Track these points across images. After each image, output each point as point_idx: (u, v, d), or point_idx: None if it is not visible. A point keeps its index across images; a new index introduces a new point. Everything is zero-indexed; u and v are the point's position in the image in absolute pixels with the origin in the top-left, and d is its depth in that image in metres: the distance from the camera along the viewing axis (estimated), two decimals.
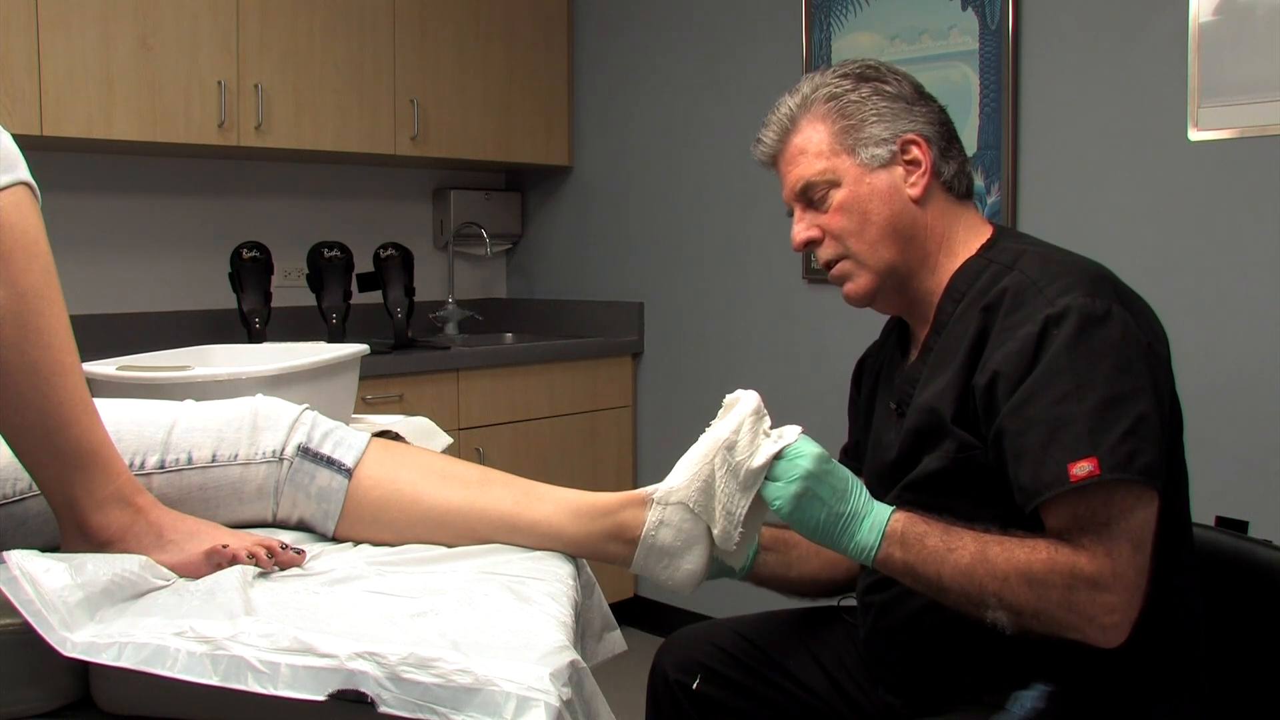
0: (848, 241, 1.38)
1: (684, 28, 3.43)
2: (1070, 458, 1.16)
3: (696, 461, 1.22)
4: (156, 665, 0.88)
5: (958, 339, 1.30)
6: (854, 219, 1.37)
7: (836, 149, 1.37)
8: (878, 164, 1.36)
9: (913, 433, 1.33)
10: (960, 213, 1.40)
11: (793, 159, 1.40)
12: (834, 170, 1.37)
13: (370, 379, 2.87)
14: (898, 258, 1.37)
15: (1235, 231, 2.36)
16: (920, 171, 1.37)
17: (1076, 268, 1.28)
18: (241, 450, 1.21)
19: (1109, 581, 1.14)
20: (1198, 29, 2.36)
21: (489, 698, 0.86)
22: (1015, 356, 1.22)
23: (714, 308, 3.39)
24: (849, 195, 1.37)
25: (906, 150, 1.37)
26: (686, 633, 1.59)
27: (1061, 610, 1.16)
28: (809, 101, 1.40)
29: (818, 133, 1.38)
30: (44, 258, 1.03)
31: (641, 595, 3.55)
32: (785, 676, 1.49)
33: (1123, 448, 1.15)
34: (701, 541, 1.22)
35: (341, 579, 1.08)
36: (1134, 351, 1.21)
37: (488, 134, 3.52)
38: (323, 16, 3.10)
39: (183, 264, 3.22)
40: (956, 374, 1.28)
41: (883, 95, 1.38)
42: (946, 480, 1.29)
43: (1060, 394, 1.18)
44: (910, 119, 1.37)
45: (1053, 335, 1.20)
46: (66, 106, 2.64)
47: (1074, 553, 1.16)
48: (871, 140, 1.36)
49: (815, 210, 1.40)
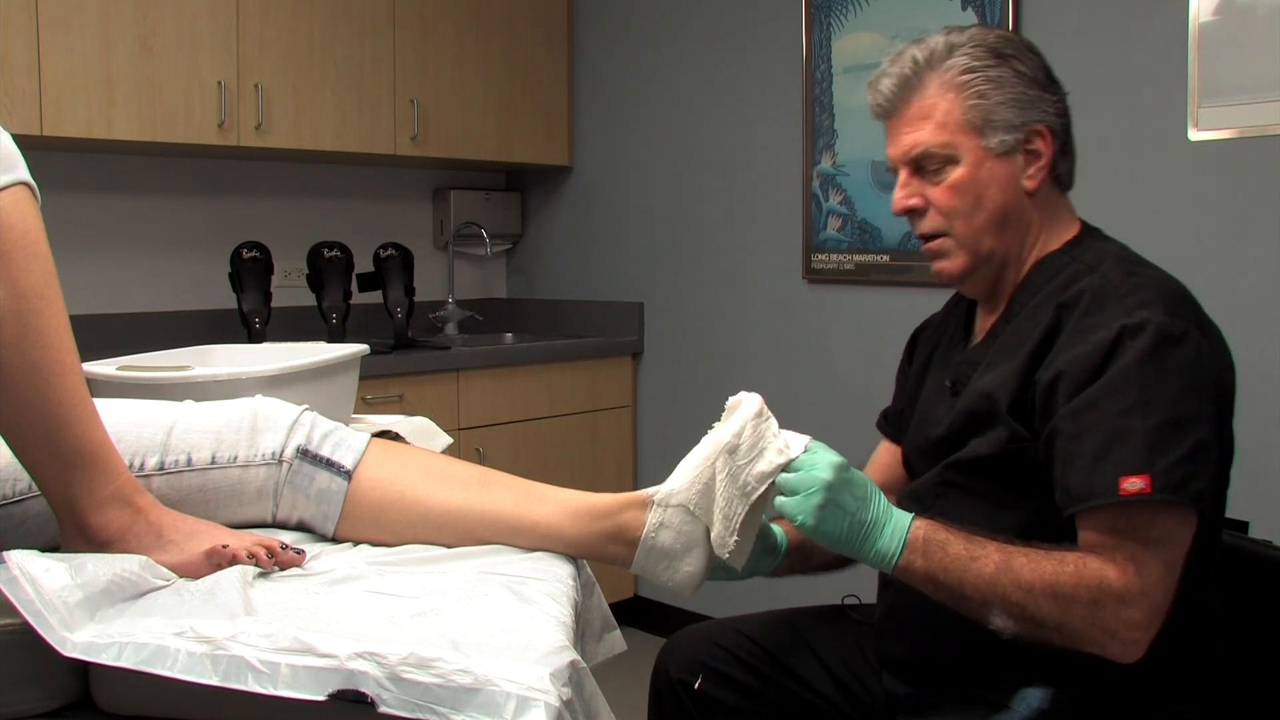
0: (954, 221, 1.35)
1: (684, 28, 3.43)
2: (1123, 471, 1.15)
3: (698, 464, 1.22)
4: (156, 665, 0.88)
5: (1027, 331, 1.29)
6: (967, 201, 1.34)
7: (964, 125, 1.33)
8: (1002, 150, 1.33)
9: (965, 414, 1.32)
10: (1059, 205, 1.39)
11: (913, 121, 1.36)
12: (956, 146, 1.33)
13: (370, 379, 2.86)
14: (998, 245, 1.36)
15: (1235, 231, 2.35)
16: (1040, 164, 1.34)
17: (1159, 282, 1.27)
18: (241, 452, 1.21)
19: (1136, 598, 1.14)
20: (1198, 29, 2.36)
21: (489, 698, 0.86)
22: (1084, 360, 1.20)
23: (714, 308, 3.39)
24: (966, 176, 1.33)
25: (1031, 140, 1.34)
26: (688, 632, 1.59)
27: (1084, 624, 1.15)
28: (940, 63, 1.34)
29: (946, 102, 1.34)
30: (44, 258, 1.03)
31: (641, 595, 3.55)
32: (788, 675, 1.48)
33: (1178, 470, 1.14)
34: (702, 544, 1.22)
35: (341, 579, 1.08)
36: (1204, 377, 1.20)
37: (488, 134, 3.52)
38: (323, 16, 3.10)
39: (183, 264, 3.22)
40: (1020, 365, 1.27)
41: (1019, 78, 1.33)
42: (992, 467, 1.29)
43: (1124, 406, 1.17)
44: (1040, 108, 1.34)
45: (1126, 346, 1.19)
46: (66, 106, 2.64)
47: (1103, 566, 1.15)
48: (1001, 125, 1.32)
49: (924, 179, 1.36)
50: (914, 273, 2.90)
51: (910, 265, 2.90)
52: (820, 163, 3.07)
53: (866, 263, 3.00)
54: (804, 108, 3.09)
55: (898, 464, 1.56)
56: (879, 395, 2.98)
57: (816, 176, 3.08)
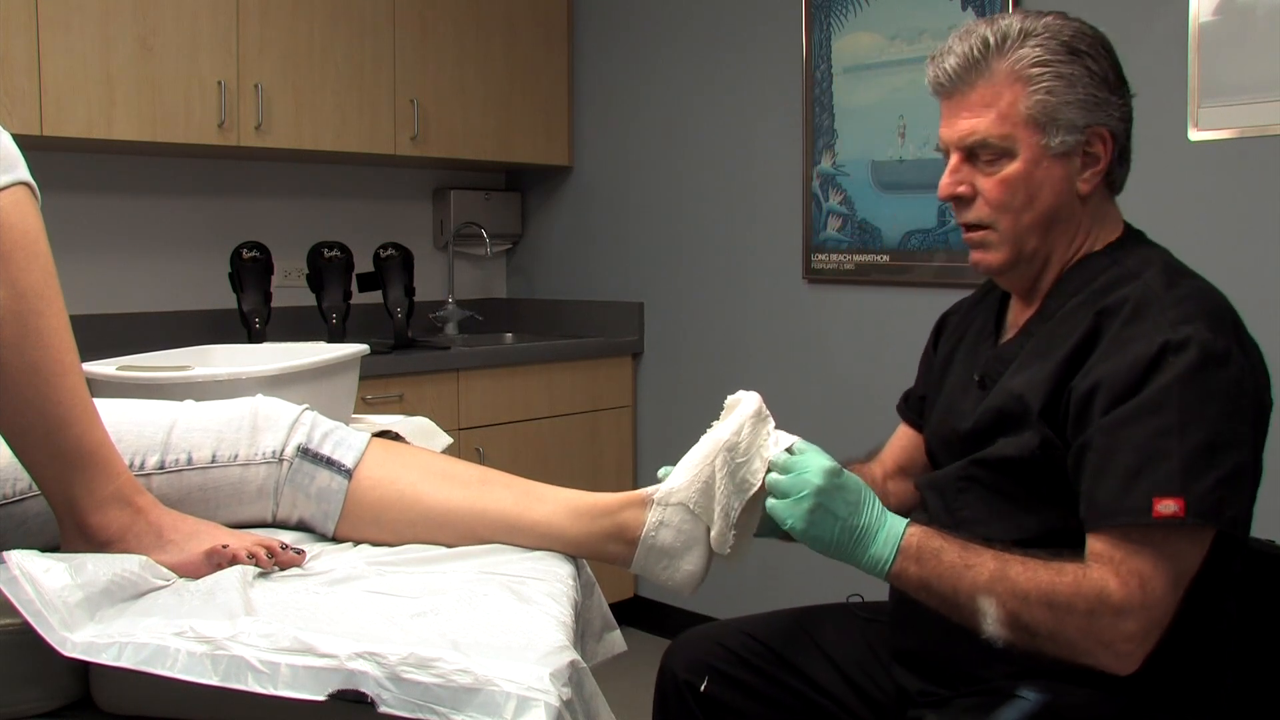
0: (1001, 216, 1.32)
1: (684, 28, 3.43)
2: (1159, 492, 1.13)
3: (697, 463, 1.22)
4: (156, 665, 0.88)
5: (1064, 334, 1.27)
6: (1019, 197, 1.30)
7: (1026, 120, 1.28)
8: (1061, 150, 1.29)
9: (995, 411, 1.30)
10: (1108, 208, 1.37)
11: (973, 107, 1.31)
12: (1016, 140, 1.29)
13: (370, 379, 2.86)
14: (1042, 245, 1.33)
15: (1235, 231, 2.35)
16: (1097, 169, 1.31)
17: (1202, 295, 1.24)
18: (241, 451, 1.21)
19: (1135, 611, 1.13)
20: (1198, 29, 2.36)
21: (489, 698, 0.86)
22: (1124, 373, 1.18)
23: (714, 308, 3.39)
24: (1021, 172, 1.30)
25: (1092, 143, 1.30)
26: (694, 634, 1.58)
27: (1079, 634, 1.15)
28: (1012, 50, 1.29)
29: (1012, 92, 1.28)
30: (44, 258, 1.03)
31: (641, 595, 3.55)
32: (794, 674, 1.48)
33: (1213, 495, 1.13)
34: (702, 542, 1.22)
35: (341, 579, 1.08)
36: (1245, 399, 1.18)
37: (488, 134, 3.52)
38: (323, 16, 3.10)
39: (183, 264, 3.22)
40: (1055, 369, 1.25)
41: (1090, 77, 1.29)
42: (1018, 469, 1.27)
43: (1164, 426, 1.15)
44: (1106, 110, 1.30)
45: (1168, 362, 1.16)
46: (66, 106, 2.64)
47: (1105, 578, 1.14)
48: (1065, 125, 1.28)
49: (975, 166, 1.32)
50: (914, 273, 2.90)
51: (910, 265, 2.90)
52: (820, 163, 3.07)
53: (866, 263, 3.00)
54: (804, 108, 3.09)
55: (916, 449, 1.56)
56: (879, 395, 2.99)
57: (816, 176, 3.08)
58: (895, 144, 2.90)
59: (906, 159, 2.88)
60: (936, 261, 2.85)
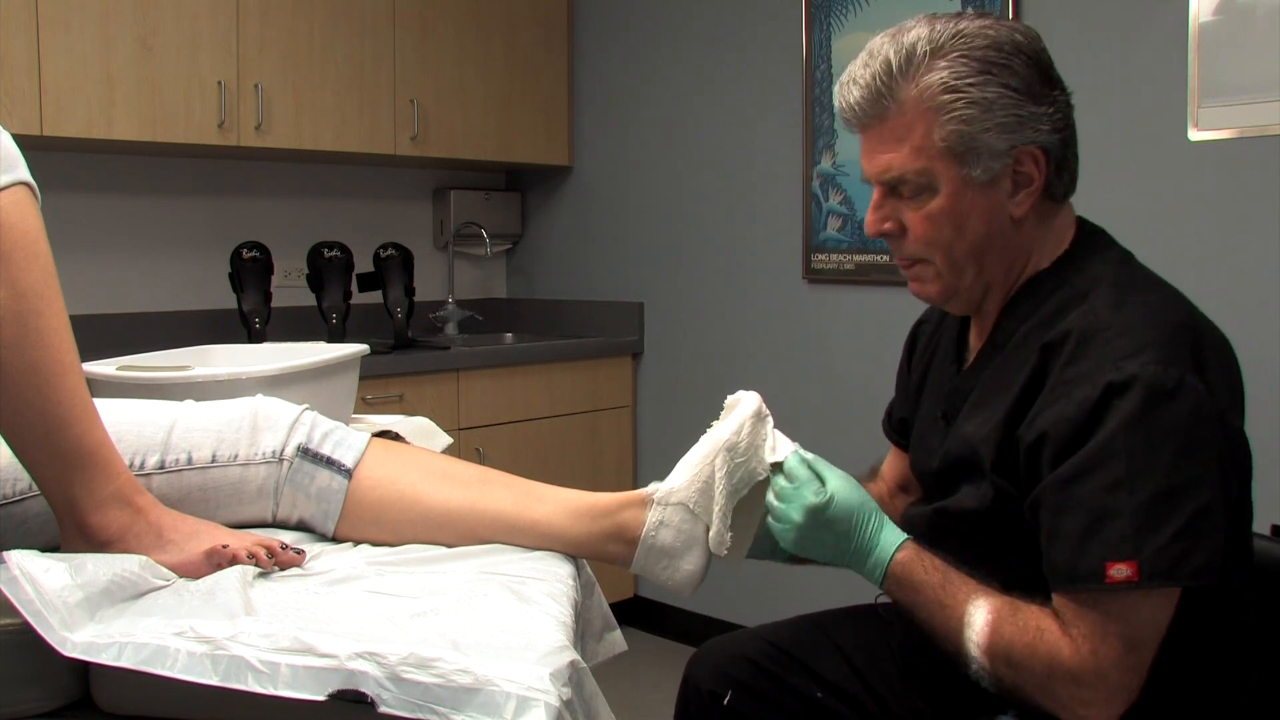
0: (932, 251, 1.24)
1: (684, 28, 3.43)
2: (1110, 556, 1.07)
3: (697, 463, 1.22)
4: (156, 665, 0.88)
5: (1012, 371, 1.21)
6: (945, 233, 1.22)
7: (942, 152, 1.19)
8: (985, 178, 1.19)
9: (954, 459, 1.26)
10: (1053, 219, 1.26)
11: (885, 141, 1.22)
12: (934, 174, 1.20)
13: (370, 379, 2.86)
14: (979, 276, 1.25)
15: (1235, 231, 2.35)
16: (1029, 190, 1.21)
17: (1152, 314, 1.15)
18: (241, 450, 1.21)
19: (1088, 679, 1.09)
20: (1198, 29, 2.36)
21: (489, 698, 0.86)
22: (1068, 423, 1.11)
23: (714, 308, 3.39)
24: (944, 207, 1.21)
25: (1021, 162, 1.20)
26: (717, 643, 1.55)
27: (1040, 693, 1.12)
28: (917, 75, 1.19)
29: (924, 124, 1.18)
30: (44, 258, 1.03)
31: (641, 595, 3.55)
32: (817, 683, 1.45)
33: (1170, 550, 1.06)
34: (701, 542, 1.23)
35: (341, 579, 1.08)
36: (1203, 431, 1.09)
37: (488, 134, 3.52)
38: (323, 16, 3.10)
39: (183, 264, 3.22)
40: (1002, 419, 1.19)
41: (1008, 95, 1.18)
42: (979, 521, 1.23)
43: (1111, 481, 1.08)
44: (1033, 125, 1.19)
45: (1113, 407, 1.08)
46: (66, 106, 2.64)
47: (1059, 640, 1.10)
48: (986, 153, 1.18)
49: (899, 200, 1.24)
50: None
51: None
52: (820, 163, 3.07)
53: (866, 263, 2.99)
54: (804, 108, 3.09)
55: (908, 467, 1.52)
56: (879, 395, 2.97)
57: (816, 176, 3.08)
58: None
59: None
60: None
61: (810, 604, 1.58)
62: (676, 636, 3.43)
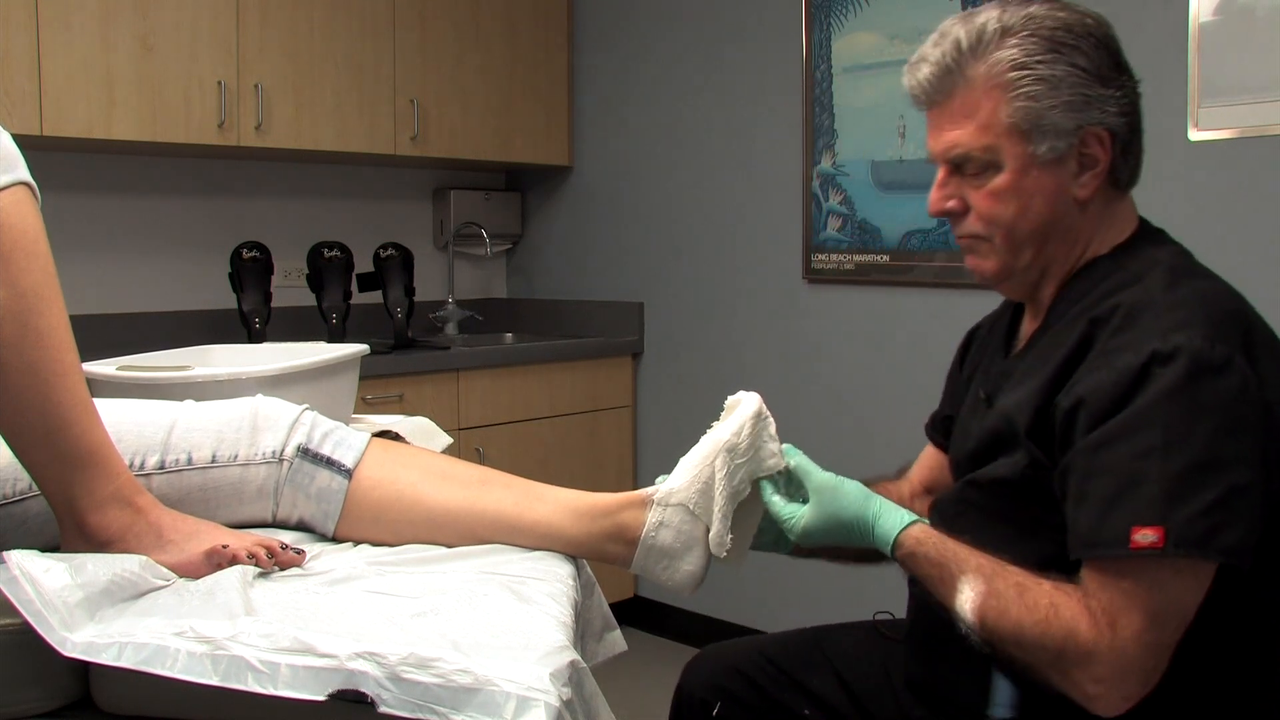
0: (993, 230, 1.24)
1: (684, 28, 3.43)
2: (1136, 520, 1.04)
3: (697, 463, 1.22)
4: (156, 665, 0.88)
5: (1058, 345, 1.19)
6: (1009, 210, 1.21)
7: (1009, 129, 1.19)
8: (1051, 157, 1.19)
9: (990, 433, 1.24)
10: (1115, 208, 1.25)
11: (953, 118, 1.22)
12: (999, 151, 1.20)
13: (370, 379, 2.86)
14: (1037, 256, 1.24)
15: (1235, 231, 2.35)
16: (1095, 172, 1.21)
17: (1206, 298, 1.14)
18: (241, 451, 1.21)
19: (1103, 654, 1.05)
20: (1198, 29, 2.36)
21: (489, 698, 0.86)
22: (1107, 389, 1.09)
23: (714, 308, 3.39)
24: (1009, 184, 1.21)
25: (1086, 144, 1.20)
26: (713, 651, 1.55)
27: (1050, 671, 1.10)
28: (988, 52, 1.19)
29: (991, 101, 1.19)
30: (44, 258, 1.03)
31: (641, 595, 3.55)
32: (807, 699, 1.44)
33: (1201, 522, 1.03)
34: (701, 543, 1.23)
35: (341, 579, 1.08)
36: (1247, 411, 1.06)
37: (488, 134, 3.52)
38: (323, 17, 3.10)
39: (183, 264, 3.22)
40: (1042, 385, 1.17)
41: (1077, 74, 1.18)
42: (1010, 490, 1.21)
43: (1145, 447, 1.05)
44: (1101, 107, 1.19)
45: (1155, 375, 1.06)
46: (66, 106, 2.64)
47: (1076, 614, 1.07)
48: (1053, 131, 1.18)
49: (963, 178, 1.24)
50: (914, 273, 2.90)
51: (910, 265, 2.90)
52: (820, 163, 3.07)
53: (866, 263, 2.99)
54: (804, 108, 3.09)
55: (942, 469, 1.51)
56: (879, 395, 2.99)
57: (816, 176, 3.08)
58: (895, 144, 2.90)
59: (906, 159, 2.88)
60: (936, 261, 2.85)
61: (810, 606, 1.59)
62: (676, 636, 3.43)
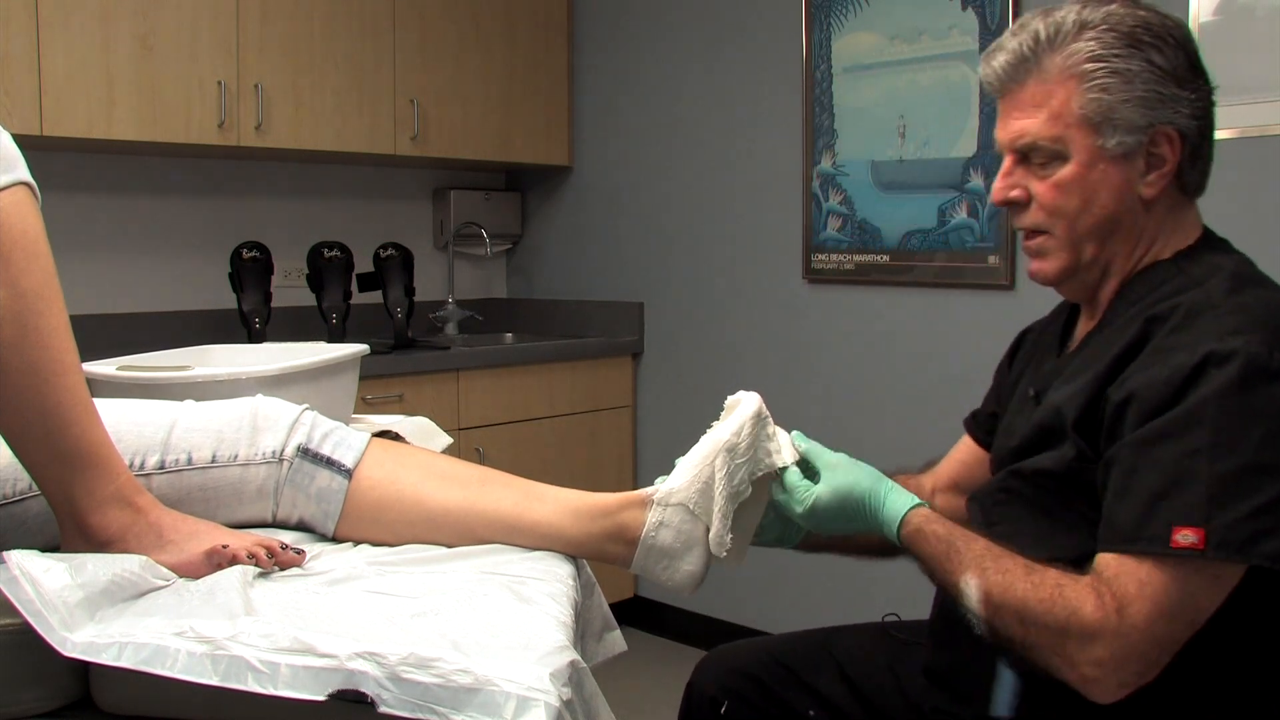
0: (1056, 221, 1.23)
1: (684, 28, 3.43)
2: (1178, 520, 1.03)
3: (697, 463, 1.22)
4: (156, 665, 0.88)
5: (1112, 343, 1.18)
6: (1073, 202, 1.21)
7: (1079, 120, 1.19)
8: (1119, 152, 1.19)
9: (1037, 428, 1.23)
10: (1181, 213, 1.25)
11: (1024, 106, 1.23)
12: (1068, 141, 1.20)
13: (370, 379, 2.86)
14: (1101, 253, 1.24)
15: (1235, 231, 2.34)
16: (1162, 172, 1.21)
17: (1269, 305, 1.13)
18: (241, 451, 1.21)
19: (1107, 636, 1.05)
20: (1198, 29, 2.36)
21: (489, 698, 0.86)
22: (1160, 385, 1.08)
23: (714, 308, 3.39)
24: (1075, 176, 1.21)
25: (1156, 143, 1.20)
26: (724, 651, 1.55)
27: (1048, 650, 1.09)
28: (1065, 44, 1.20)
29: (1065, 90, 1.20)
30: (44, 258, 1.03)
31: (641, 595, 3.55)
32: (814, 700, 1.45)
33: (1246, 526, 1.02)
34: (701, 543, 1.23)
35: (341, 579, 1.08)
36: None
37: (488, 134, 3.52)
38: (323, 17, 3.10)
39: (183, 264, 3.22)
40: (1093, 380, 1.17)
41: (1153, 71, 1.18)
42: (1055, 482, 1.20)
43: (1194, 446, 1.05)
44: (1174, 106, 1.19)
45: (1209, 376, 1.06)
46: (66, 106, 2.64)
47: (1083, 596, 1.07)
48: (1123, 125, 1.18)
49: (1030, 169, 1.24)
50: (914, 273, 2.90)
51: (910, 265, 2.90)
52: (820, 163, 3.07)
53: (866, 263, 2.99)
54: (804, 108, 3.09)
55: (975, 465, 1.50)
56: (878, 395, 2.99)
57: (816, 176, 3.08)
58: (895, 144, 2.90)
59: (906, 159, 2.88)
60: (936, 261, 2.85)
61: (812, 607, 1.59)
62: (676, 637, 3.43)
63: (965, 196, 2.78)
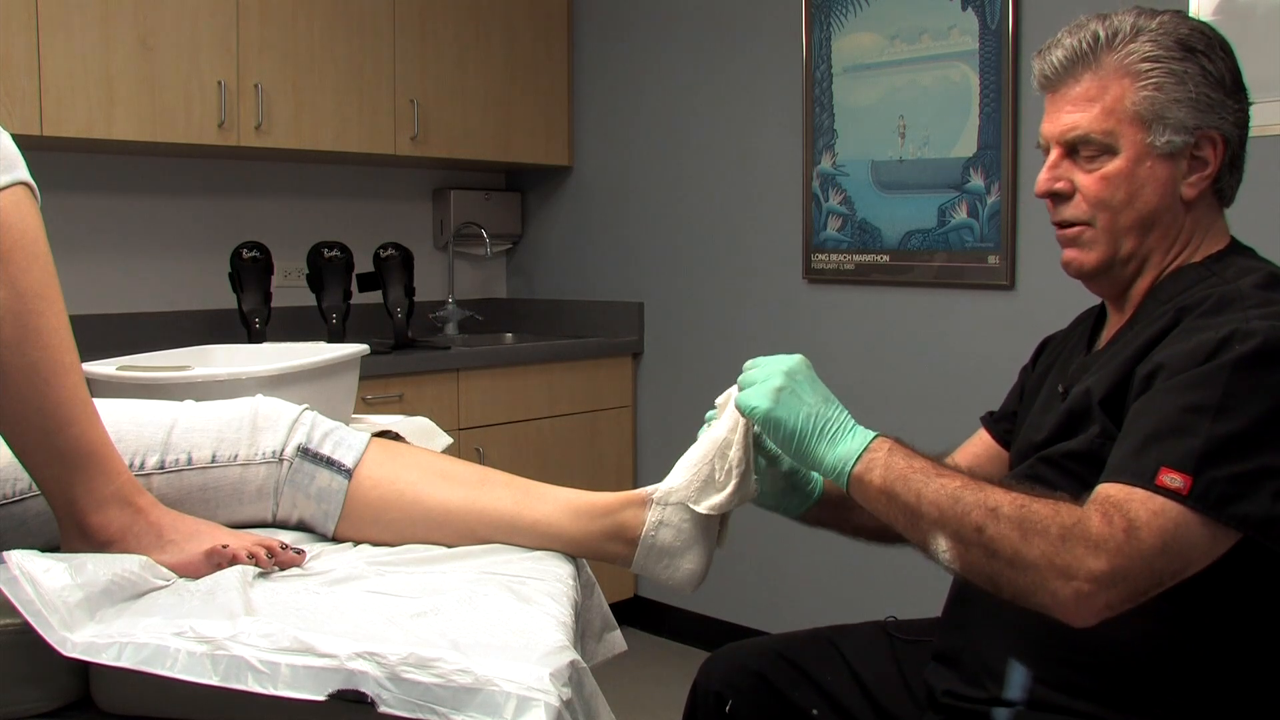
0: (1099, 214, 1.27)
1: (684, 28, 3.43)
2: (1169, 463, 1.06)
3: (696, 462, 1.23)
4: (156, 665, 0.88)
5: (1142, 335, 1.22)
6: (1118, 195, 1.25)
7: (1132, 116, 1.24)
8: (1166, 150, 1.24)
9: (1066, 414, 1.25)
10: (1213, 220, 1.31)
11: (1076, 101, 1.27)
12: (1118, 136, 1.24)
13: (370, 379, 2.87)
14: (1138, 248, 1.27)
15: (1235, 232, 2.35)
16: (1204, 174, 1.26)
17: None
18: (241, 451, 1.21)
19: (1110, 551, 1.04)
20: None
21: (489, 698, 0.86)
22: (1184, 356, 1.12)
23: (714, 308, 3.39)
24: (1123, 169, 1.25)
25: (1201, 146, 1.25)
26: (731, 650, 1.55)
27: (1042, 559, 1.06)
28: (1121, 45, 1.25)
29: (1119, 87, 1.24)
30: (44, 258, 1.03)
31: (641, 595, 3.55)
32: (819, 695, 1.45)
33: (1229, 487, 1.05)
34: (701, 541, 1.23)
35: (341, 579, 1.08)
36: None
37: (488, 134, 3.52)
38: (323, 16, 3.10)
39: (183, 264, 3.22)
40: (1123, 363, 1.20)
41: (1204, 77, 1.24)
42: (1082, 463, 1.20)
43: (1200, 403, 1.08)
44: (1220, 113, 1.26)
45: (1230, 348, 1.09)
46: (66, 106, 2.64)
47: (1088, 513, 1.06)
48: (1173, 124, 1.23)
49: (1075, 163, 1.28)
50: (914, 273, 2.90)
51: (910, 265, 2.90)
52: (820, 163, 3.07)
53: (866, 263, 3.00)
54: (804, 108, 3.09)
55: (990, 457, 1.51)
56: (878, 395, 2.99)
57: (816, 176, 3.08)
58: (895, 144, 2.90)
59: (906, 159, 2.88)
60: (936, 261, 2.85)
61: (812, 608, 1.59)
62: (676, 636, 3.43)
63: (965, 196, 2.78)
